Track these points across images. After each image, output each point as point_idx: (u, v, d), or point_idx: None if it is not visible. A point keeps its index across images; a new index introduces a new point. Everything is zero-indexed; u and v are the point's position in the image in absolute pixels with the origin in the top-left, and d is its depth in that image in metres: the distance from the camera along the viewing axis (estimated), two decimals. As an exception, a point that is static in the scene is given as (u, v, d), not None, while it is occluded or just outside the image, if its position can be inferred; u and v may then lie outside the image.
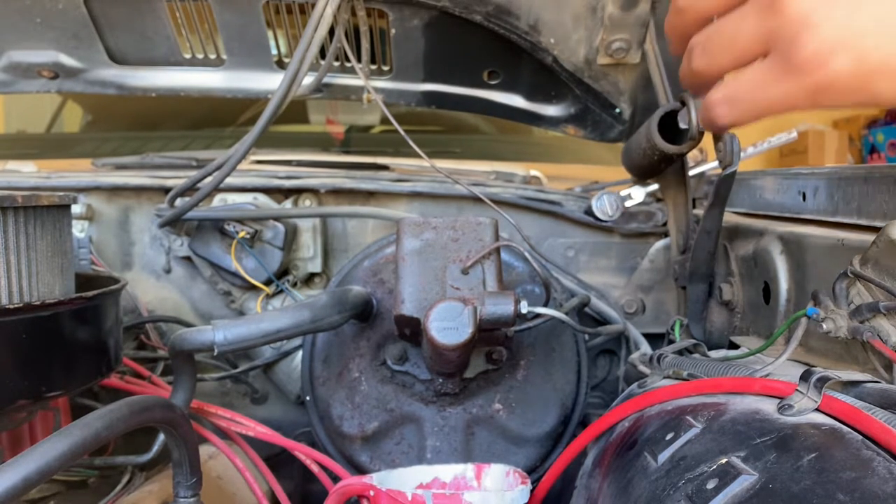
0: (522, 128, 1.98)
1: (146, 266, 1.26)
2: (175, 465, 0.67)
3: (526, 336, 0.99)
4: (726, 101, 0.46)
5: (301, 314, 0.84)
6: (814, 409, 0.51)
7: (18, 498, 0.46)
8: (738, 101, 0.45)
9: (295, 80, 0.99)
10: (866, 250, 0.60)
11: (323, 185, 1.21)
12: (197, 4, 1.16)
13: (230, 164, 0.99)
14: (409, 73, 1.27)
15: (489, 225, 0.85)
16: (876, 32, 0.39)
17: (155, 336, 1.21)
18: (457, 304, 0.74)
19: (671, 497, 0.50)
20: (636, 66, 1.14)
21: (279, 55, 1.25)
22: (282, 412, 1.26)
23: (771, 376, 0.58)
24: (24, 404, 0.69)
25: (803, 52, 0.41)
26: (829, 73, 0.40)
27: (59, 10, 1.17)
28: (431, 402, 0.98)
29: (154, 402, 0.60)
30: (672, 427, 0.58)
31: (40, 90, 1.31)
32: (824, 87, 0.41)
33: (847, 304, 0.61)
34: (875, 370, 0.60)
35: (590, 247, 1.23)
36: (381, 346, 0.98)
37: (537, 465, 1.00)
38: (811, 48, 0.40)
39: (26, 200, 0.69)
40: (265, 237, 1.15)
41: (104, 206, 1.25)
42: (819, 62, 0.40)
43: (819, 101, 0.42)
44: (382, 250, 1.04)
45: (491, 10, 1.07)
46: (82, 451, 0.51)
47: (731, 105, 0.46)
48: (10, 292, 0.69)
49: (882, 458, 0.43)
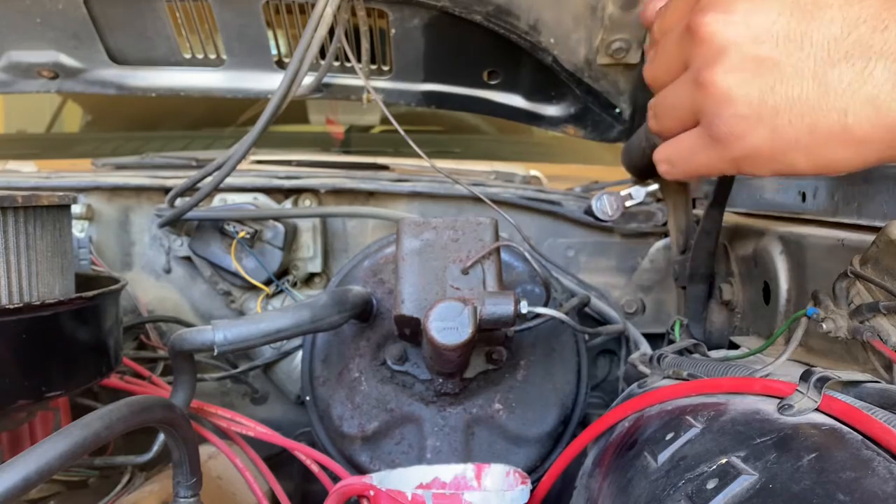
0: (522, 128, 1.98)
1: (146, 266, 1.26)
2: (175, 465, 0.67)
3: (526, 336, 0.99)
4: (666, 160, 0.52)
5: (301, 314, 0.84)
6: (814, 409, 0.51)
7: (18, 498, 0.46)
8: (674, 162, 0.52)
9: (295, 80, 0.99)
10: (866, 250, 0.60)
11: (323, 185, 1.21)
12: (197, 4, 1.16)
13: (230, 164, 0.99)
14: (409, 73, 1.27)
15: (489, 225, 0.85)
16: (789, 110, 0.43)
17: (155, 336, 1.21)
18: (457, 304, 0.74)
19: (671, 497, 0.50)
20: (636, 66, 1.14)
21: (279, 55, 1.25)
22: (282, 412, 1.26)
23: (771, 376, 0.58)
24: (24, 404, 0.70)
25: (723, 126, 0.45)
26: (747, 146, 0.45)
27: (59, 10, 1.17)
28: (431, 402, 0.98)
29: (154, 402, 0.60)
30: (672, 427, 0.58)
31: (40, 90, 1.31)
32: (743, 157, 0.46)
33: (847, 304, 0.61)
34: (875, 370, 0.60)
35: (590, 247, 1.23)
36: (381, 346, 0.98)
37: (537, 465, 1.00)
38: (731, 122, 0.45)
39: (26, 200, 0.69)
40: (265, 237, 1.15)
41: (104, 206, 1.25)
42: (737, 135, 0.45)
43: (741, 169, 0.47)
44: (382, 250, 1.04)
45: (491, 10, 1.07)
46: (82, 451, 0.51)
47: (670, 164, 0.52)
48: (10, 292, 0.69)
49: (882, 458, 0.43)
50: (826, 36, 0.42)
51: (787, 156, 0.44)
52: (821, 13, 0.42)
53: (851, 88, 0.41)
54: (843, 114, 0.41)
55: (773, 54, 0.43)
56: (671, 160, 0.52)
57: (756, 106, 0.44)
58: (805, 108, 0.42)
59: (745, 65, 0.44)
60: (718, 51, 0.45)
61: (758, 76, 0.43)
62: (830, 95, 0.41)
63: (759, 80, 0.43)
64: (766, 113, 0.43)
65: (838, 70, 0.41)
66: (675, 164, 0.52)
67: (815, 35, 0.42)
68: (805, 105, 0.42)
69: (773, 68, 0.43)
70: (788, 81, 0.43)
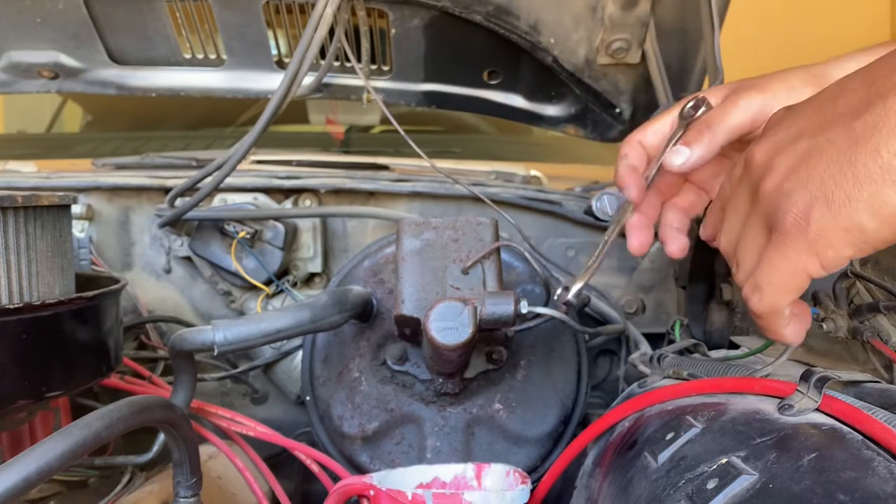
0: (522, 128, 1.98)
1: (146, 266, 1.26)
2: (175, 465, 0.67)
3: (526, 336, 0.99)
4: (754, 287, 0.51)
5: (301, 314, 0.84)
6: (814, 409, 0.51)
7: (18, 498, 0.46)
8: (761, 286, 0.50)
9: (295, 80, 0.99)
10: (866, 250, 0.60)
11: (323, 185, 1.21)
12: (197, 4, 1.16)
13: (230, 164, 0.99)
14: (409, 73, 1.27)
15: (489, 225, 0.85)
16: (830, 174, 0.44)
17: (155, 336, 1.21)
18: (457, 304, 0.74)
19: (671, 497, 0.50)
20: (636, 66, 1.14)
21: (279, 55, 1.25)
22: (282, 412, 1.26)
23: (771, 376, 0.58)
24: (24, 404, 0.70)
25: (787, 219, 0.46)
26: (814, 227, 0.45)
27: (59, 10, 1.17)
28: (431, 402, 0.98)
29: (154, 402, 0.60)
30: (672, 427, 0.58)
31: (40, 90, 1.31)
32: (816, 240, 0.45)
33: (847, 304, 0.62)
34: (875, 370, 0.60)
35: (590, 247, 1.23)
36: (381, 346, 0.98)
37: (537, 464, 1.00)
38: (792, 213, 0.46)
39: (26, 200, 0.69)
40: (265, 237, 1.15)
41: (104, 206, 1.25)
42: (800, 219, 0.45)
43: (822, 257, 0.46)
44: (382, 250, 1.04)
45: (491, 11, 1.07)
46: (82, 451, 0.51)
47: (758, 290, 0.51)
48: (10, 292, 0.69)
49: (882, 458, 0.43)
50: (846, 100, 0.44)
51: (851, 219, 0.43)
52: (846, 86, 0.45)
53: (877, 127, 0.41)
54: (877, 153, 0.41)
55: (811, 140, 0.46)
56: (758, 285, 0.50)
57: (806, 186, 0.45)
58: (845, 165, 0.43)
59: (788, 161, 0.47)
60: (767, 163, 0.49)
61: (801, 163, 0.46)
62: (861, 143, 0.42)
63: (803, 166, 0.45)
64: (815, 188, 0.44)
65: (861, 119, 0.42)
66: (762, 287, 0.50)
67: (840, 100, 0.45)
68: (844, 162, 0.43)
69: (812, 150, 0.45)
70: (825, 150, 0.44)
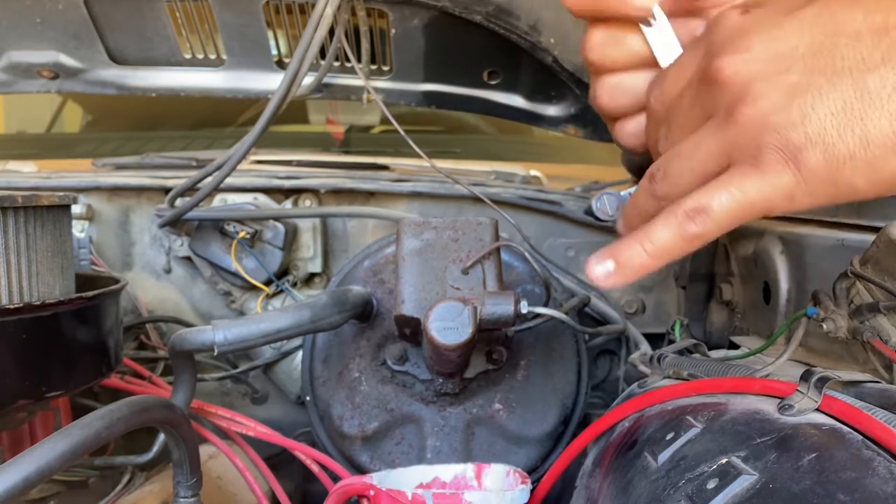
0: (522, 128, 1.98)
1: (146, 266, 1.26)
2: (175, 465, 0.67)
3: (526, 336, 0.99)
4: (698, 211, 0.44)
5: (301, 314, 0.84)
6: (814, 409, 0.51)
7: (18, 498, 0.46)
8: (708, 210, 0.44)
9: (295, 80, 0.99)
10: (866, 250, 0.60)
11: (323, 185, 1.21)
12: (197, 4, 1.16)
13: (230, 164, 0.99)
14: (409, 73, 1.27)
15: (489, 225, 0.85)
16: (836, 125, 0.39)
17: (155, 336, 1.21)
18: (457, 304, 0.74)
19: (671, 497, 0.50)
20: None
21: (279, 55, 1.25)
22: (282, 412, 1.26)
23: (771, 376, 0.58)
24: (24, 404, 0.70)
25: (770, 156, 0.41)
26: (803, 171, 0.40)
27: (59, 10, 1.17)
28: (431, 402, 0.98)
29: (154, 402, 0.60)
30: (672, 427, 0.58)
31: (40, 90, 1.31)
32: (797, 184, 0.41)
33: (847, 304, 0.61)
34: (875, 370, 0.60)
35: (590, 247, 1.23)
36: (381, 346, 0.98)
37: (537, 465, 1.00)
38: (777, 150, 0.40)
39: (26, 200, 0.69)
40: (265, 237, 1.15)
41: (104, 206, 1.25)
42: (788, 161, 0.40)
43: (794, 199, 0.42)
44: (382, 250, 1.04)
45: (491, 10, 1.07)
46: (82, 451, 0.51)
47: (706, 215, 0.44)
48: (10, 292, 0.69)
49: (882, 458, 0.43)
50: (856, 46, 0.39)
51: (845, 176, 0.40)
52: (845, 27, 0.40)
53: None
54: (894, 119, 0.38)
55: (804, 77, 0.40)
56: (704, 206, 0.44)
57: (800, 126, 0.40)
58: (852, 120, 0.39)
59: (778, 93, 0.40)
60: (745, 88, 0.41)
61: (794, 99, 0.40)
62: (876, 102, 0.38)
63: (796, 103, 0.40)
64: (812, 132, 0.40)
65: (878, 75, 0.38)
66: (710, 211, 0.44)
67: (844, 48, 0.39)
68: (851, 116, 0.39)
69: (807, 88, 0.40)
70: (827, 96, 0.39)
